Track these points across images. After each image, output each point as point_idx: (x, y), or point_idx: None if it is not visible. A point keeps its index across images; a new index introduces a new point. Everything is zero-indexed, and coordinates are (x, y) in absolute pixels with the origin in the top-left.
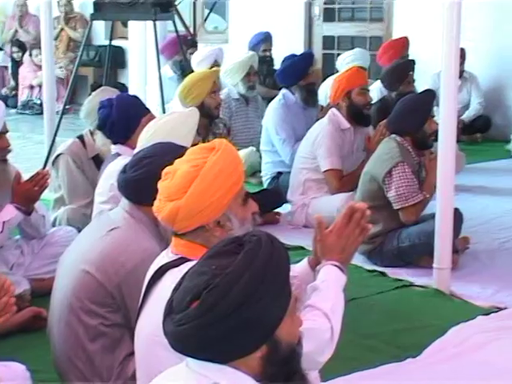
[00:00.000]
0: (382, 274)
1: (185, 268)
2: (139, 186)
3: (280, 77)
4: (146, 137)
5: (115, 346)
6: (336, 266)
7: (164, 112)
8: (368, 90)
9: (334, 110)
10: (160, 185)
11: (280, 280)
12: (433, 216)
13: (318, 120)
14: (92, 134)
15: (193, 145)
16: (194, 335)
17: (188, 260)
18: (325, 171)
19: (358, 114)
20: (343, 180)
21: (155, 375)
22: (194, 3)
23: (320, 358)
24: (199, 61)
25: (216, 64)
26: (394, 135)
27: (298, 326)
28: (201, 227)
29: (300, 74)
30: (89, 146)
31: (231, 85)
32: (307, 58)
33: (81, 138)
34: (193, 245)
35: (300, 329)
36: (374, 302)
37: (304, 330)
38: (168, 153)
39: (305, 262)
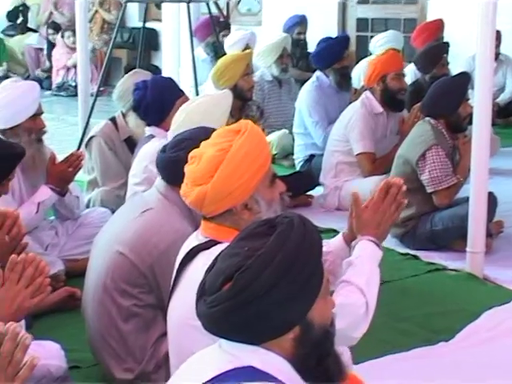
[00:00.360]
0: (415, 257)
1: (216, 250)
2: (176, 166)
3: (315, 59)
4: (180, 119)
5: (148, 326)
6: (371, 241)
7: (197, 94)
8: (404, 75)
9: (367, 93)
10: (187, 169)
11: (312, 262)
12: (466, 199)
13: (350, 103)
14: (124, 116)
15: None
16: (226, 317)
17: (218, 243)
18: (357, 154)
19: (392, 99)
20: (376, 163)
21: (187, 356)
22: None
23: (355, 334)
24: (231, 44)
25: (248, 48)
26: (427, 118)
27: (330, 307)
28: (229, 210)
29: (335, 57)
30: (121, 128)
31: (264, 67)
32: (343, 41)
33: (113, 120)
34: (222, 228)
35: (334, 304)
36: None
37: (338, 305)
38: (209, 137)
39: (339, 237)
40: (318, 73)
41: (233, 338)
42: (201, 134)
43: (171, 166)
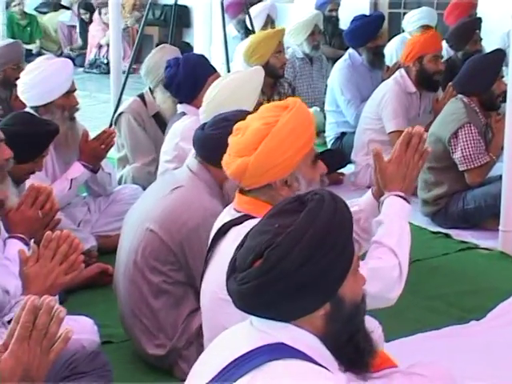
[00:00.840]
0: (447, 235)
1: (248, 225)
2: (212, 144)
3: (348, 37)
4: (211, 95)
5: (178, 303)
6: (399, 195)
7: (229, 71)
8: (441, 57)
9: (402, 71)
10: (230, 140)
11: (343, 238)
12: (499, 178)
13: (383, 81)
14: (152, 92)
15: (258, 104)
16: (256, 294)
17: (251, 217)
18: (390, 132)
19: (428, 80)
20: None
21: (220, 330)
22: None
23: (390, 295)
24: (254, 16)
25: (270, 20)
26: (460, 96)
27: (361, 283)
28: (268, 185)
29: (369, 35)
30: (149, 104)
31: (296, 44)
32: (378, 19)
33: (141, 96)
34: (257, 202)
35: (368, 268)
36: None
37: (372, 269)
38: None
39: (369, 194)
40: (350, 50)
41: (263, 314)
42: (239, 115)
43: (207, 143)
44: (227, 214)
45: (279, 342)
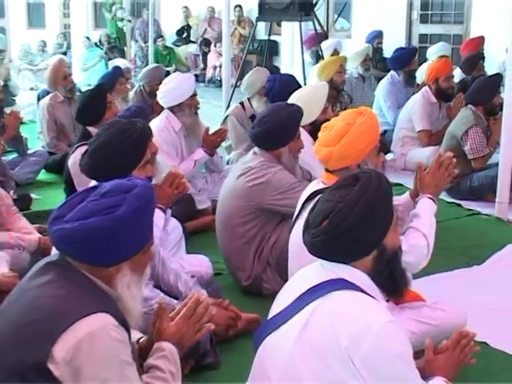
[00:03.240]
0: (458, 205)
1: None
2: (264, 137)
3: (391, 62)
4: (294, 100)
5: (250, 244)
6: (431, 198)
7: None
8: (452, 77)
9: (426, 87)
10: (320, 134)
11: (385, 204)
12: (496, 164)
13: (413, 94)
14: (249, 100)
15: (324, 107)
16: (324, 245)
17: None
18: (418, 131)
19: (443, 94)
20: (431, 137)
21: (302, 267)
22: (327, 9)
23: (419, 266)
24: (325, 48)
25: (336, 51)
26: (470, 105)
27: (398, 236)
28: (346, 168)
29: (406, 62)
30: (247, 109)
31: (353, 68)
32: (412, 51)
33: (241, 103)
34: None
35: (405, 244)
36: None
37: (409, 245)
38: (280, 111)
39: (407, 194)
40: (391, 72)
41: (329, 259)
42: (272, 111)
43: (260, 138)
44: (316, 185)
45: (340, 278)
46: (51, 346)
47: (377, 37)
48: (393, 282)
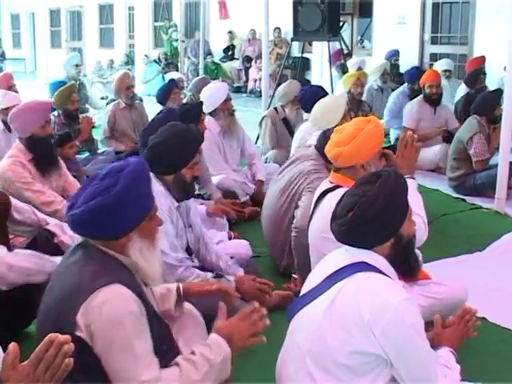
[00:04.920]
0: (463, 200)
1: (339, 192)
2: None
3: (406, 77)
4: (317, 106)
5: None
6: (409, 177)
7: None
8: (438, 86)
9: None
10: (332, 136)
11: (402, 198)
12: (495, 165)
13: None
14: (283, 106)
15: (345, 115)
16: (350, 233)
17: (340, 187)
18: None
19: (428, 98)
20: (421, 135)
21: (321, 256)
22: (352, 31)
23: (423, 238)
24: (350, 65)
25: (360, 68)
26: (475, 115)
27: (413, 225)
28: (352, 166)
29: (418, 77)
30: (280, 112)
31: (373, 80)
32: (420, 69)
33: (275, 108)
34: (344, 177)
35: (416, 224)
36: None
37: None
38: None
39: None
40: (405, 84)
41: (353, 244)
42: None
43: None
44: (325, 184)
45: (363, 261)
46: (75, 315)
47: (394, 55)
48: (408, 265)
